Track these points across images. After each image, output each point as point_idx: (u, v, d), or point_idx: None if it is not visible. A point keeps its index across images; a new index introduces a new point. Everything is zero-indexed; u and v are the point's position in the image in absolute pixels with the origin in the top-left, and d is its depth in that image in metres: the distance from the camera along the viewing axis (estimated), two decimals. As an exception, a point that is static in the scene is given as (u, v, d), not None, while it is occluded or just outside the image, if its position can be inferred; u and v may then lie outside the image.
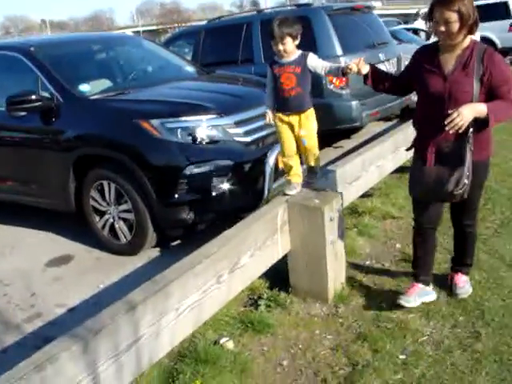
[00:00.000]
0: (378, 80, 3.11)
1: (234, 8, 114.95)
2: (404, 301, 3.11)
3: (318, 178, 3.60)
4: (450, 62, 2.77)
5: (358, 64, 3.04)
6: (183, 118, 4.31)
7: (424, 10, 23.56)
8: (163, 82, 5.40)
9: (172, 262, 2.70)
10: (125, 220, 4.58)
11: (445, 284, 3.40)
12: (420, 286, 3.20)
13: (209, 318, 2.87)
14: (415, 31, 16.33)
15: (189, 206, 4.28)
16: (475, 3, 2.75)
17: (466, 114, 2.56)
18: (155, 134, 4.21)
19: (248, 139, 4.50)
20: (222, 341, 3.08)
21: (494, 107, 2.65)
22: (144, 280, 2.51)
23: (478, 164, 2.81)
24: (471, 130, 2.67)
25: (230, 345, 3.06)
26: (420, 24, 17.29)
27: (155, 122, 4.23)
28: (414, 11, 20.90)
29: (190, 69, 6.10)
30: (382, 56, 7.25)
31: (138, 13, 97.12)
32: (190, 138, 4.29)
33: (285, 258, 3.46)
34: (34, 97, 4.68)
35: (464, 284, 3.29)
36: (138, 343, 2.31)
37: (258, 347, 3.06)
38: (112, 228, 4.69)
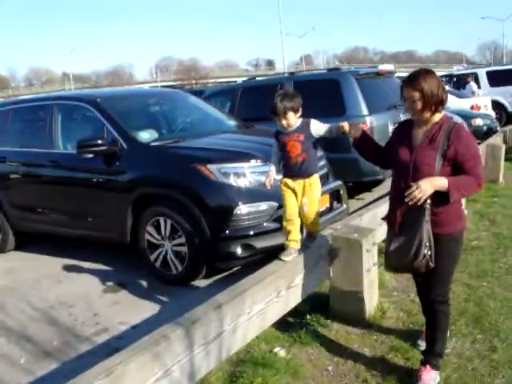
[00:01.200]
0: (364, 146, 3.23)
1: (250, 67, 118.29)
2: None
3: (315, 243, 3.77)
4: (419, 135, 2.89)
5: (352, 125, 3.21)
6: (235, 164, 4.97)
7: (438, 74, 24.60)
8: (210, 133, 6.10)
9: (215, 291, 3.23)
10: (177, 253, 5.16)
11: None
12: (433, 371, 3.08)
13: (268, 326, 3.44)
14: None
15: (238, 241, 4.87)
16: (492, 68, 3.20)
17: (424, 187, 2.69)
18: (211, 177, 4.86)
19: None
20: (276, 350, 3.62)
21: (456, 182, 2.75)
22: (197, 305, 2.98)
23: (448, 237, 2.87)
24: (428, 201, 2.75)
25: (282, 353, 3.60)
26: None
27: (211, 166, 4.89)
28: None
29: (231, 122, 6.82)
30: (402, 116, 7.94)
31: (157, 69, 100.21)
32: (241, 181, 4.93)
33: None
34: (100, 141, 5.38)
35: (429, 381, 3.01)
36: (221, 336, 2.88)
37: (306, 356, 3.59)
38: (164, 260, 5.28)
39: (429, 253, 2.78)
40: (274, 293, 3.32)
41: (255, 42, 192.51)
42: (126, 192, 5.33)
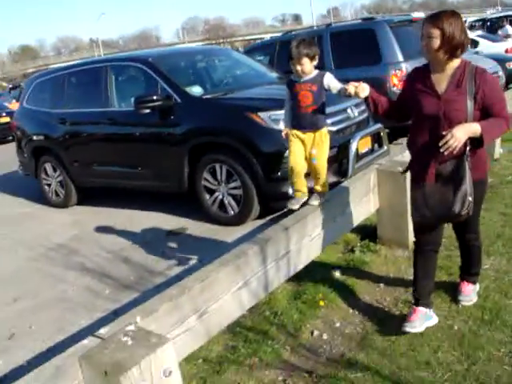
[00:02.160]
0: (377, 104, 3.08)
1: (276, 22, 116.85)
2: (409, 327, 3.09)
3: (320, 203, 3.70)
4: (442, 81, 2.78)
5: (357, 87, 3.01)
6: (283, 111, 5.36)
7: (470, 19, 24.24)
8: (255, 85, 6.49)
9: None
10: (233, 196, 5.64)
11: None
12: (422, 309, 3.16)
13: (325, 248, 3.89)
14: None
15: (288, 182, 5.30)
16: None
17: (459, 136, 2.59)
18: (263, 124, 5.27)
19: (334, 128, 5.50)
20: (332, 271, 4.09)
21: (488, 126, 2.68)
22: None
23: (478, 181, 2.86)
24: (468, 148, 2.69)
25: (338, 274, 4.07)
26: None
27: (263, 114, 5.30)
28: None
29: (273, 74, 7.19)
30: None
31: (184, 29, 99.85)
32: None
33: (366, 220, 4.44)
34: (155, 97, 5.82)
35: (470, 293, 3.36)
36: (289, 254, 3.34)
37: (359, 276, 4.05)
38: (221, 203, 5.76)
39: (471, 200, 2.73)
40: (330, 219, 3.75)
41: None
42: (182, 143, 5.78)
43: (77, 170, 7.24)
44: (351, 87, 3.01)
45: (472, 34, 17.09)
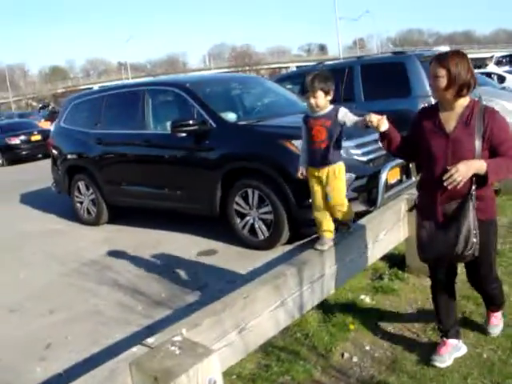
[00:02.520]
0: (392, 140, 3.06)
1: (302, 52, 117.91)
2: (439, 362, 3.13)
3: (349, 231, 3.70)
4: (451, 120, 2.78)
5: (380, 120, 2.99)
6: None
7: (497, 54, 24.42)
8: (287, 113, 6.66)
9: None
10: (263, 220, 5.78)
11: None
12: (452, 341, 3.19)
13: (355, 276, 4.00)
14: (488, 75, 17.28)
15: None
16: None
17: (463, 170, 2.60)
18: (296, 151, 5.41)
19: (365, 158, 5.65)
20: (361, 297, 4.19)
21: (494, 164, 2.68)
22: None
23: (484, 222, 2.81)
24: (474, 187, 2.68)
25: (368, 300, 4.17)
26: (493, 68, 18.24)
27: (296, 142, 5.45)
28: (483, 55, 21.81)
29: (304, 104, 7.36)
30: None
31: (210, 56, 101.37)
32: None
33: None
34: (191, 121, 6.03)
35: (498, 322, 3.41)
36: (323, 278, 3.45)
37: (388, 302, 4.15)
38: (251, 227, 5.90)
39: (475, 241, 2.72)
40: (362, 245, 3.87)
41: (307, 27, 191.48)
42: (215, 167, 5.95)
43: (109, 189, 7.45)
44: (374, 117, 2.99)
45: (499, 70, 17.26)
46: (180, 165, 6.38)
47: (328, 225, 3.55)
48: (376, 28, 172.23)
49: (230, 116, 6.27)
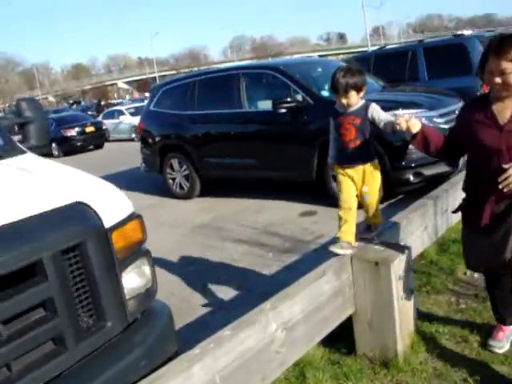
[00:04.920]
0: (427, 142, 2.78)
1: (321, 41, 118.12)
2: (497, 348, 3.01)
3: (373, 235, 3.42)
4: (505, 111, 2.48)
5: (408, 121, 2.74)
6: (409, 110, 6.38)
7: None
8: (370, 91, 7.49)
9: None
10: (359, 183, 6.64)
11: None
12: (508, 327, 3.05)
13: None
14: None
15: (411, 170, 6.31)
16: None
17: None
18: (389, 120, 6.28)
19: (447, 126, 6.48)
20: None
21: None
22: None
23: None
24: None
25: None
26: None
27: (391, 112, 6.28)
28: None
29: (380, 83, 8.22)
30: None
31: (232, 48, 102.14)
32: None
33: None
34: (290, 99, 6.91)
35: (503, 338, 3.08)
36: (447, 212, 4.30)
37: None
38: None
39: None
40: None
41: (325, 16, 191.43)
42: (313, 138, 6.81)
43: (205, 164, 8.35)
44: (402, 121, 2.73)
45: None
46: (279, 137, 7.26)
47: (351, 227, 3.24)
48: (395, 15, 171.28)
49: (325, 93, 7.12)
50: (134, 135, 22.69)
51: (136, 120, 22.13)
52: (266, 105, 7.38)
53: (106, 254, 2.24)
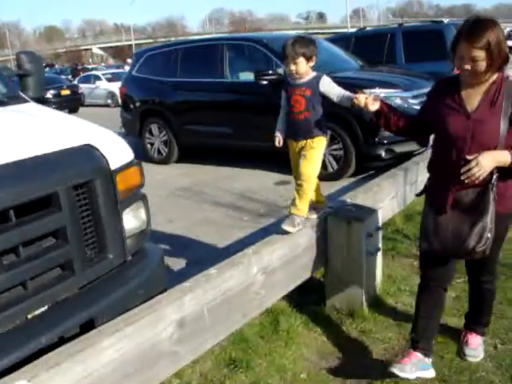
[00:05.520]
0: (389, 119, 2.71)
1: (301, 19, 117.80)
2: (398, 369, 2.63)
3: (317, 217, 3.39)
4: (473, 98, 2.40)
5: (367, 98, 2.68)
6: (385, 90, 6.69)
7: (508, 28, 25.29)
8: (349, 69, 7.82)
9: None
10: (333, 156, 6.97)
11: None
12: (418, 355, 2.71)
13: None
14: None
15: (383, 146, 6.65)
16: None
17: (484, 164, 2.28)
18: (366, 98, 6.59)
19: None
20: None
21: None
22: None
23: (501, 216, 2.46)
24: (495, 176, 2.35)
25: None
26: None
27: (368, 90, 6.57)
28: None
29: (359, 62, 8.52)
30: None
31: (210, 21, 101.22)
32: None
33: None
34: (270, 71, 7.17)
35: (477, 346, 2.93)
36: (416, 183, 4.65)
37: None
38: (322, 162, 7.07)
39: (490, 236, 2.41)
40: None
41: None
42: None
43: (184, 131, 8.56)
44: (361, 97, 2.70)
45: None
46: (259, 108, 7.51)
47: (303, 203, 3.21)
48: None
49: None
50: (109, 101, 22.65)
51: (113, 86, 22.20)
52: (247, 76, 7.61)
53: (110, 193, 2.49)
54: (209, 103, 8.15)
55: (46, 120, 2.76)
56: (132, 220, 2.71)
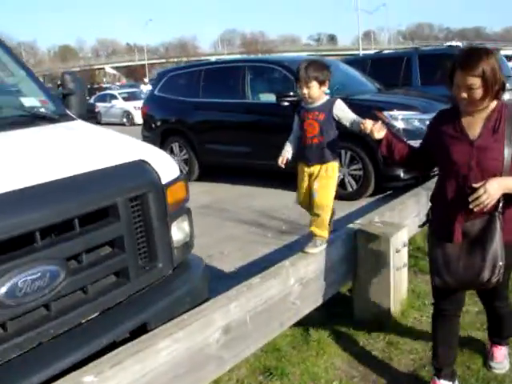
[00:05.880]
0: (393, 149, 2.75)
1: (312, 41, 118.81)
2: None
3: (318, 250, 3.30)
4: (475, 126, 2.43)
5: (374, 125, 2.75)
6: (404, 112, 6.88)
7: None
8: (367, 91, 8.02)
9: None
10: (353, 176, 7.14)
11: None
12: (443, 382, 2.80)
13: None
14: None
15: (401, 167, 6.81)
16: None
17: (493, 192, 2.27)
18: (385, 120, 6.77)
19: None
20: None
21: None
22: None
23: (509, 244, 2.44)
24: (501, 204, 2.36)
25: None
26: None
27: (386, 113, 6.81)
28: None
29: (376, 84, 8.73)
30: (508, 85, 9.70)
31: (222, 42, 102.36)
32: (405, 124, 6.85)
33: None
34: (292, 93, 7.38)
35: (502, 358, 2.99)
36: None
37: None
38: (341, 182, 7.25)
39: (502, 264, 2.40)
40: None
41: (317, 16, 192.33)
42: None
43: (206, 150, 8.78)
44: (368, 123, 2.78)
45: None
46: (280, 129, 7.68)
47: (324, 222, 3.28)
48: (386, 21, 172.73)
49: (327, 90, 7.59)
50: (125, 120, 22.99)
51: (128, 105, 22.56)
52: (268, 97, 7.83)
53: (161, 206, 2.66)
54: (230, 123, 8.39)
55: (98, 136, 2.96)
56: (178, 232, 2.88)
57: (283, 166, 3.29)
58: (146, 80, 42.12)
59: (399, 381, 3.13)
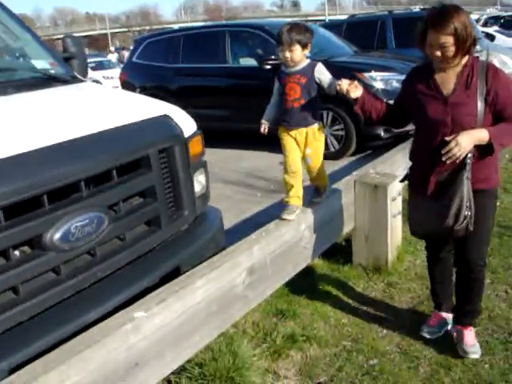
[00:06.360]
0: (369, 107, 2.79)
1: (275, 7, 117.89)
2: (428, 333, 3.01)
3: (323, 198, 3.45)
4: (448, 82, 2.49)
5: (350, 85, 2.74)
6: (382, 73, 7.12)
7: (484, 16, 25.93)
8: (344, 54, 8.23)
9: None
10: (335, 136, 7.38)
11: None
12: (443, 314, 3.04)
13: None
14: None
15: (382, 126, 7.07)
16: None
17: (464, 144, 2.35)
18: (366, 80, 7.00)
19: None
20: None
21: (498, 132, 2.41)
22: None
23: (483, 194, 2.54)
24: (469, 155, 2.41)
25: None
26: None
27: (366, 74, 7.03)
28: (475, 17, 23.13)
29: (352, 47, 8.94)
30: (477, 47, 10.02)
31: (185, 9, 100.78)
32: (384, 84, 7.09)
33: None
34: (273, 57, 7.54)
35: (474, 341, 2.87)
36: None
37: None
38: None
39: (469, 214, 2.46)
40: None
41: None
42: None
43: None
44: (344, 83, 2.75)
45: (489, 29, 18.87)
46: (263, 91, 7.84)
47: (298, 191, 3.29)
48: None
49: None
50: (94, 89, 22.65)
51: (97, 75, 22.29)
52: (248, 61, 7.98)
53: (184, 158, 2.84)
54: (211, 88, 8.49)
55: (117, 95, 3.11)
56: (197, 184, 3.07)
57: (265, 133, 3.33)
58: (112, 48, 41.31)
59: (401, 315, 3.42)
